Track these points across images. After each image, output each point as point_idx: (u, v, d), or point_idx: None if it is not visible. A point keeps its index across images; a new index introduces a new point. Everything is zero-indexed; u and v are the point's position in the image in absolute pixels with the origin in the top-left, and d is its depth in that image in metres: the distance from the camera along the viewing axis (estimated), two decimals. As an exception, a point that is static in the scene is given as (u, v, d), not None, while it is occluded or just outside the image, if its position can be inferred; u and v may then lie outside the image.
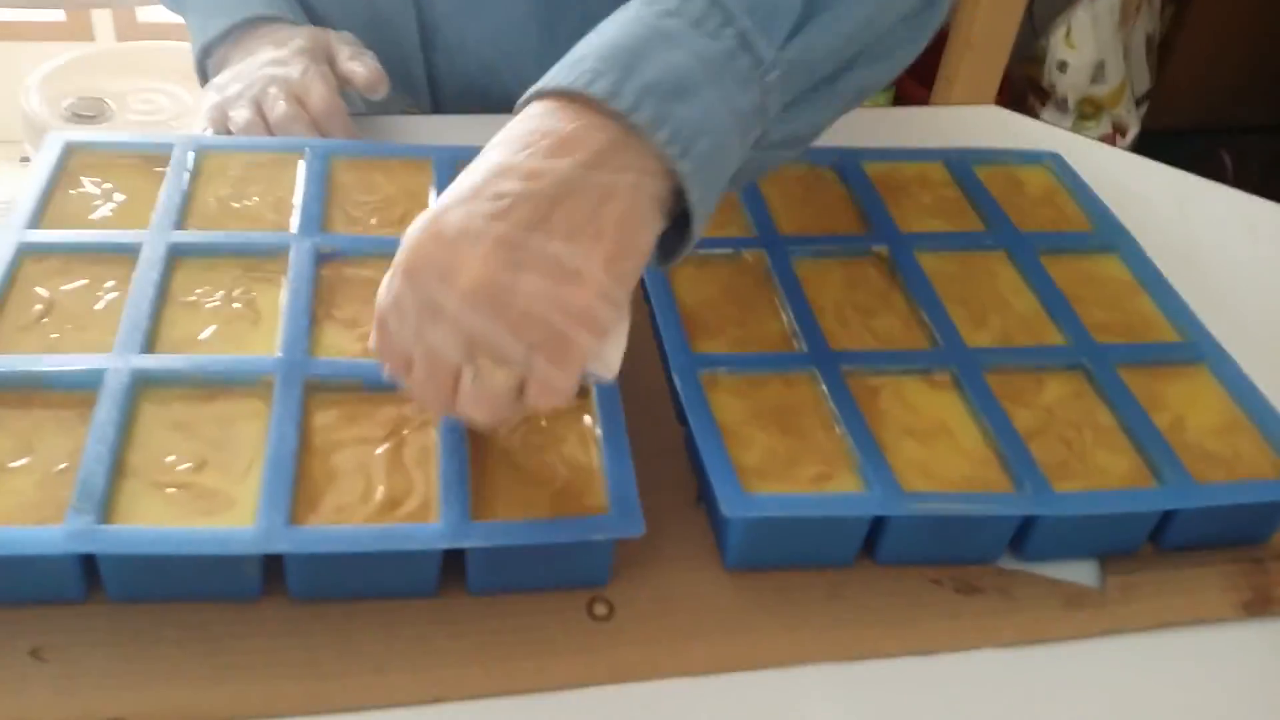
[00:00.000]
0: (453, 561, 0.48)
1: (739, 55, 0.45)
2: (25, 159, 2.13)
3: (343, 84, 0.74)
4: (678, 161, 0.43)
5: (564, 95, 0.44)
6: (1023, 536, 0.53)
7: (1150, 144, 2.24)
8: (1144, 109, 2.29)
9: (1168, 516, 0.54)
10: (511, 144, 0.43)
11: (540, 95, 0.45)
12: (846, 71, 0.51)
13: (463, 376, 0.44)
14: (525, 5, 0.67)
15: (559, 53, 0.47)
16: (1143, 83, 2.28)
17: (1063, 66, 2.18)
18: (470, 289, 0.41)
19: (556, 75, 0.44)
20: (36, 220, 0.59)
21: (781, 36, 0.46)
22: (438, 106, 0.85)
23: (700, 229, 0.46)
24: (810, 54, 0.47)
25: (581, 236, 0.42)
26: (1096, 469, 0.53)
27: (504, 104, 0.88)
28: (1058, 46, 2.17)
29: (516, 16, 0.63)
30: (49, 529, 0.44)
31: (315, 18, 0.82)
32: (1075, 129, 2.19)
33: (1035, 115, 2.14)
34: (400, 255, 0.43)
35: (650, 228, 0.44)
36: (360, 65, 0.74)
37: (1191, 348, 0.60)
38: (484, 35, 0.79)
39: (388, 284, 0.44)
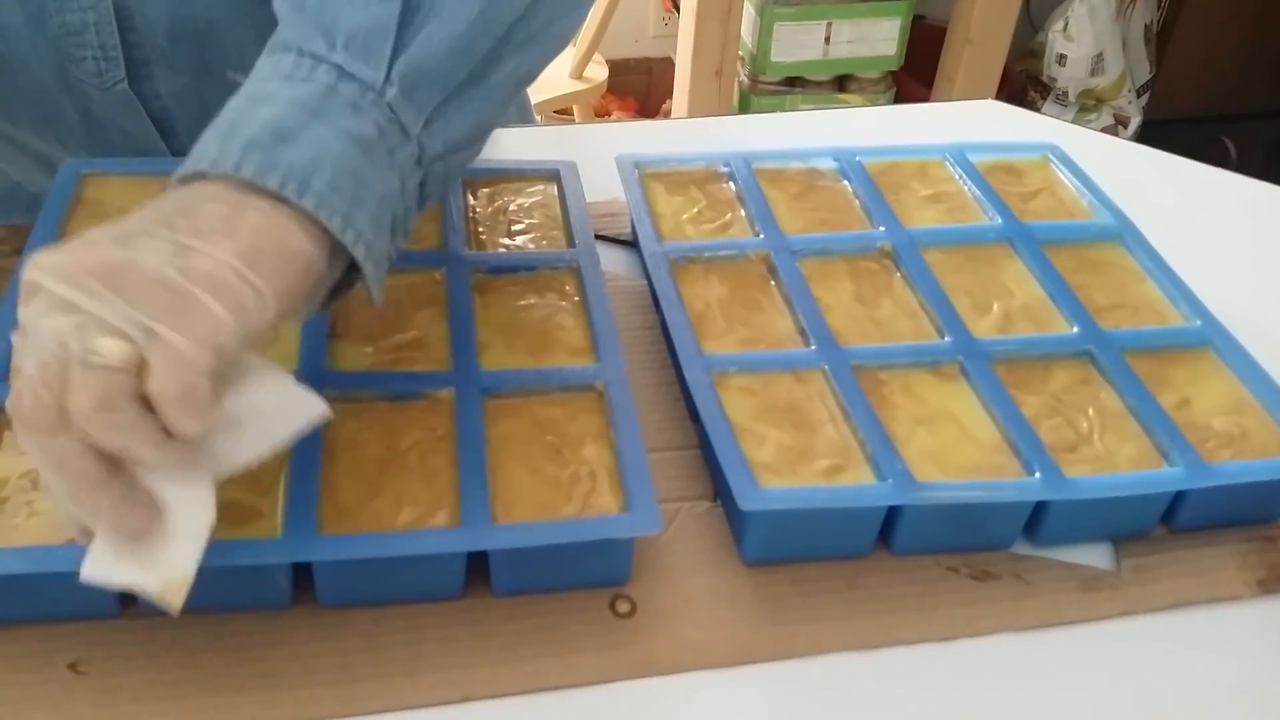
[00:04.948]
0: (477, 564, 0.49)
1: (340, 87, 0.45)
2: None
3: None
4: (300, 200, 0.42)
5: (184, 178, 0.43)
6: (1036, 521, 0.53)
7: (1153, 133, 2.25)
8: (1145, 99, 2.30)
9: (1179, 497, 0.54)
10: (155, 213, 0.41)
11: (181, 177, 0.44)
12: (494, 66, 0.50)
13: (71, 366, 0.38)
14: None
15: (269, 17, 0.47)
16: (1142, 73, 2.29)
17: (1062, 60, 2.19)
18: (73, 266, 0.38)
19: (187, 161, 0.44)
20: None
21: (385, 56, 0.46)
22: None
23: (364, 254, 0.44)
24: (430, 61, 0.47)
25: (210, 233, 0.40)
26: (1106, 453, 0.54)
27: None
28: (1056, 40, 2.18)
29: None
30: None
31: None
32: (1077, 121, 2.19)
33: (1036, 109, 2.15)
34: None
35: (298, 236, 0.42)
36: None
37: (1196, 331, 0.61)
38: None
39: None
